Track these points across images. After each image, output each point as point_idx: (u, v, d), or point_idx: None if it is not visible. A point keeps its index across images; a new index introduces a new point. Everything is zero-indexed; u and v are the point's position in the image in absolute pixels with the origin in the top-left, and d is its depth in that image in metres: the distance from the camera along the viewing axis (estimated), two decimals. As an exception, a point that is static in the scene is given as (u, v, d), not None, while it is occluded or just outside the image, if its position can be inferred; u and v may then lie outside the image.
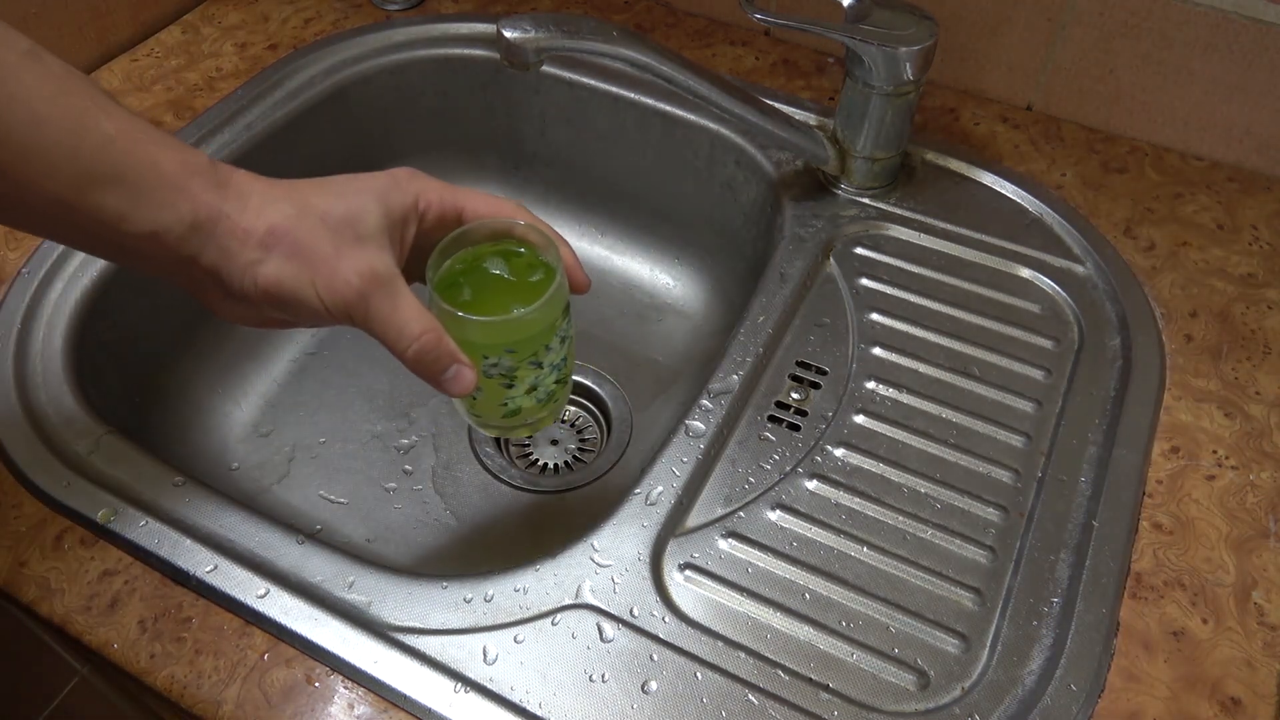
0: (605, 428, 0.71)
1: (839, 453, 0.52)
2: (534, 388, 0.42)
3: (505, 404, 0.43)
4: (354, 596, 0.46)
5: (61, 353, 0.56)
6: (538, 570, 0.47)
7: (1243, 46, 0.61)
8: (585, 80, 0.72)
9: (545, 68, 0.72)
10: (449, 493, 0.66)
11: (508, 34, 0.49)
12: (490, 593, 0.46)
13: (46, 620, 0.46)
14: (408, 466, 0.67)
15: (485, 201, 0.43)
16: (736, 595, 0.46)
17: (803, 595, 0.46)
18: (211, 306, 0.41)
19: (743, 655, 0.44)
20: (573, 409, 0.72)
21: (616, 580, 0.46)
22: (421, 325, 0.39)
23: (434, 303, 0.40)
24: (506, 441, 0.70)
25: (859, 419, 0.53)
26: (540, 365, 0.41)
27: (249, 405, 0.70)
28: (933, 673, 0.44)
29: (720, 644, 0.44)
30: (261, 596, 0.46)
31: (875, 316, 0.58)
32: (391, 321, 0.39)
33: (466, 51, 0.75)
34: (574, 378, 0.72)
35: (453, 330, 0.39)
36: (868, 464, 0.51)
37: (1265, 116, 0.63)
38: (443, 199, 0.42)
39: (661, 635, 0.45)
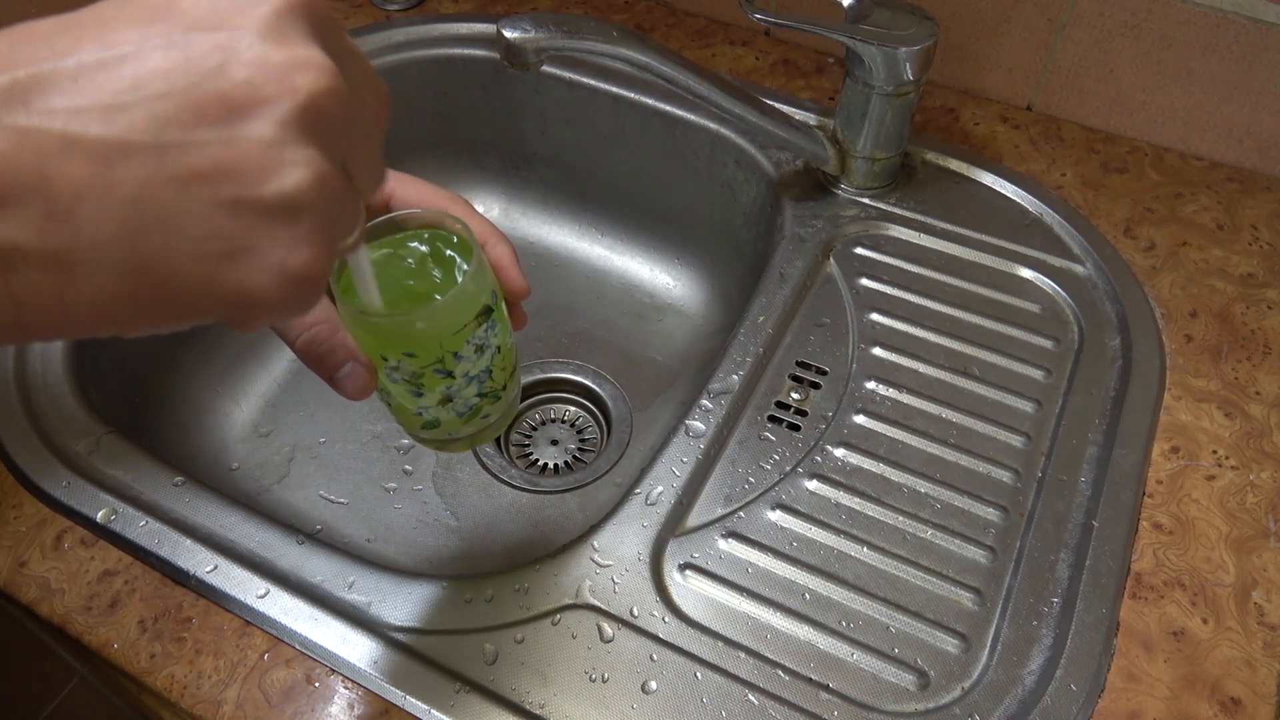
0: (605, 428, 0.71)
1: (839, 453, 0.52)
2: (448, 399, 0.38)
3: (419, 414, 0.39)
4: (354, 596, 0.46)
5: (61, 353, 0.56)
6: (538, 570, 0.47)
7: (1243, 46, 0.61)
8: (585, 80, 0.72)
9: (545, 68, 0.72)
10: (449, 493, 0.66)
11: (508, 34, 0.49)
12: (490, 593, 0.46)
13: (46, 620, 0.46)
14: (408, 466, 0.67)
15: (417, 189, 0.38)
16: (736, 595, 0.46)
17: (803, 595, 0.46)
18: None
19: (743, 655, 0.44)
20: (572, 409, 0.72)
21: (616, 580, 0.46)
22: (314, 314, 0.34)
23: (337, 294, 0.36)
24: (507, 441, 0.70)
25: (859, 419, 0.53)
26: (450, 375, 0.37)
27: (249, 405, 0.70)
28: (933, 673, 0.44)
29: (720, 644, 0.44)
30: (261, 596, 0.46)
31: (875, 316, 0.58)
32: None
33: (466, 51, 0.75)
34: (574, 376, 0.72)
35: (349, 325, 0.35)
36: (868, 464, 0.51)
37: (1265, 116, 0.63)
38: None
39: (661, 635, 0.45)
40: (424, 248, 0.38)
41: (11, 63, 0.21)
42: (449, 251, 0.37)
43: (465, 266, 0.36)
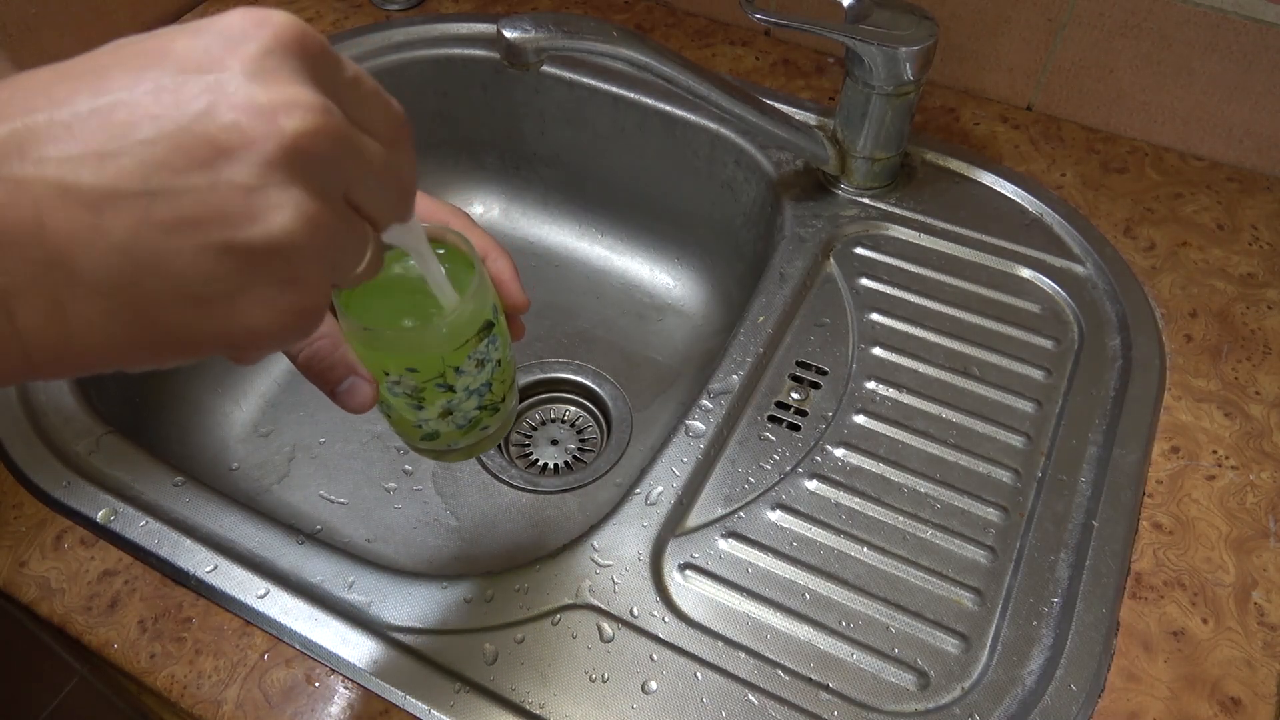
0: (605, 428, 0.71)
1: (839, 453, 0.52)
2: (449, 412, 0.38)
3: (419, 426, 0.39)
4: (354, 596, 0.46)
5: (61, 353, 0.56)
6: (538, 570, 0.47)
7: (1243, 46, 0.61)
8: (585, 80, 0.72)
9: (545, 68, 0.72)
10: (449, 493, 0.66)
11: (508, 34, 0.49)
12: (490, 593, 0.46)
13: (46, 620, 0.46)
14: (408, 466, 0.67)
15: (418, 202, 0.37)
16: (736, 595, 0.46)
17: (803, 595, 0.46)
18: None
19: (743, 655, 0.44)
20: (572, 409, 0.72)
21: (616, 580, 0.46)
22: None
23: (339, 309, 0.36)
24: (507, 441, 0.70)
25: (859, 419, 0.53)
26: (451, 389, 0.37)
27: (249, 405, 0.70)
28: (933, 673, 0.44)
29: (720, 644, 0.44)
30: (261, 596, 0.46)
31: (875, 316, 0.58)
32: None
33: (466, 51, 0.75)
34: (574, 376, 0.72)
35: (351, 340, 0.35)
36: (868, 464, 0.51)
37: (1265, 116, 0.63)
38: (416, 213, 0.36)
39: (661, 635, 0.45)
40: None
41: (10, 113, 0.21)
42: (451, 267, 0.37)
43: (467, 283, 0.36)
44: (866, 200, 0.64)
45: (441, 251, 0.38)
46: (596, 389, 0.72)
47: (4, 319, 0.21)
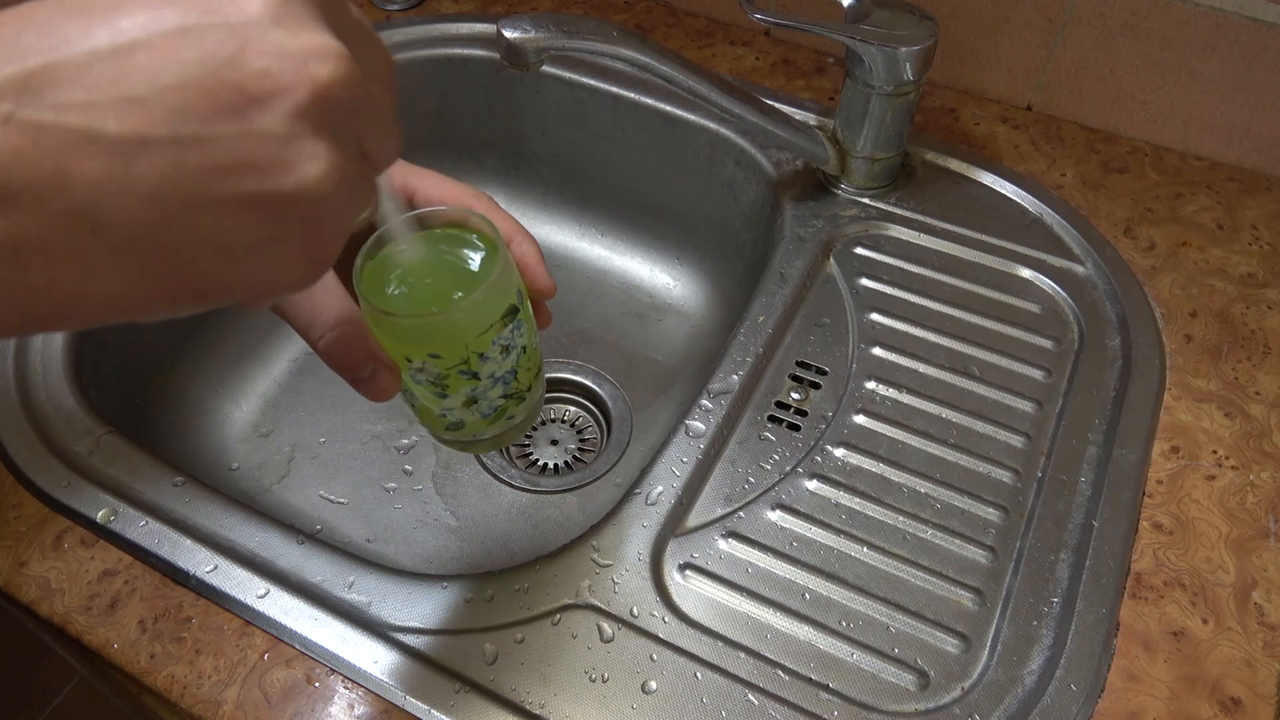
0: (605, 428, 0.71)
1: (839, 453, 0.52)
2: (473, 401, 0.38)
3: (443, 415, 0.38)
4: (354, 596, 0.46)
5: (61, 353, 0.56)
6: (538, 570, 0.47)
7: (1243, 46, 0.61)
8: (585, 80, 0.72)
9: (545, 68, 0.72)
10: (449, 493, 0.66)
11: (508, 34, 0.49)
12: (490, 593, 0.46)
13: (46, 620, 0.46)
14: (408, 466, 0.67)
15: (441, 185, 0.37)
16: (736, 595, 0.46)
17: (803, 595, 0.46)
18: None
19: (743, 655, 0.44)
20: (572, 409, 0.72)
21: (616, 580, 0.46)
22: (338, 315, 0.34)
23: (360, 294, 0.35)
24: (506, 441, 0.70)
25: (859, 419, 0.53)
26: (476, 376, 0.36)
27: (249, 405, 0.70)
28: (933, 673, 0.44)
29: (720, 644, 0.44)
30: (261, 596, 0.46)
31: (875, 316, 0.58)
32: (303, 306, 0.33)
33: (466, 51, 0.75)
34: (574, 376, 0.72)
35: (373, 326, 0.34)
36: (868, 464, 0.51)
37: (1265, 116, 0.63)
38: (391, 174, 0.37)
39: (661, 635, 0.45)
40: (448, 246, 0.37)
41: (19, 52, 0.20)
42: (474, 250, 0.37)
43: (491, 266, 0.35)
44: (866, 200, 0.64)
45: (476, 246, 0.37)
46: (596, 389, 0.72)
47: (16, 273, 0.20)
